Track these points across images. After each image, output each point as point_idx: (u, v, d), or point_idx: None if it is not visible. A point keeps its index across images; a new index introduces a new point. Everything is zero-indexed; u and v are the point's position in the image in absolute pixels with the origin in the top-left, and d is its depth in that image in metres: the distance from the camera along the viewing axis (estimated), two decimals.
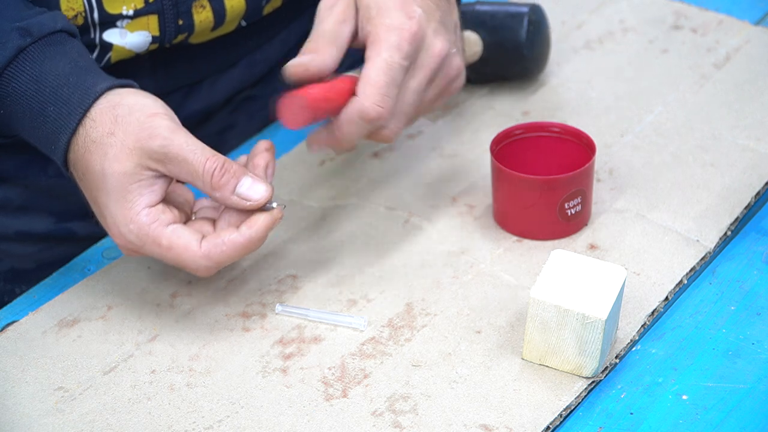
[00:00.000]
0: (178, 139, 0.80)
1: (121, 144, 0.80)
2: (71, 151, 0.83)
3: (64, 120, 0.82)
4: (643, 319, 0.85)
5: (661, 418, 0.79)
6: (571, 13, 1.18)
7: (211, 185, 0.81)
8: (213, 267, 0.82)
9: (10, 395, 0.81)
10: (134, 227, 0.81)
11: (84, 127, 0.82)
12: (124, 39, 0.94)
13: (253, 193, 0.82)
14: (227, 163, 0.81)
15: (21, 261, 1.03)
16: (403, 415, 0.79)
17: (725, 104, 1.05)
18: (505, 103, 1.07)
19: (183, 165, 0.80)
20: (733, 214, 0.94)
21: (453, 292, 0.88)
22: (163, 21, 0.95)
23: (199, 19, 0.96)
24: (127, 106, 0.82)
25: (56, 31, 0.85)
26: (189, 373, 0.83)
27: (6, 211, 1.01)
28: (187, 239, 0.81)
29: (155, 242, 0.81)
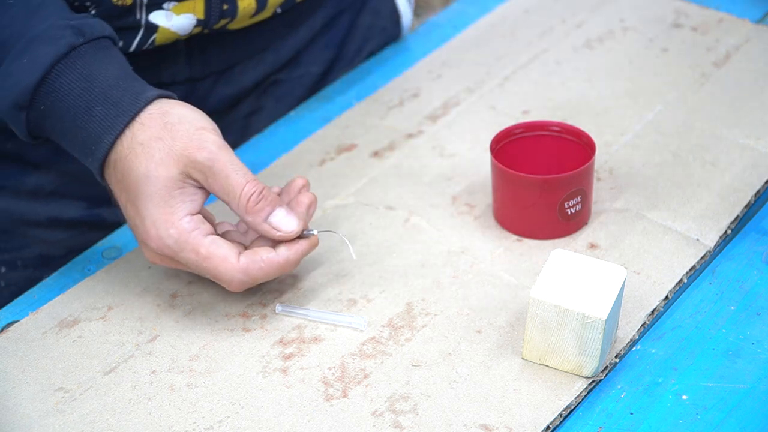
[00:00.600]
0: (224, 156, 0.82)
1: (168, 150, 0.81)
2: (113, 152, 0.83)
3: (112, 120, 0.82)
4: (643, 318, 0.85)
5: (661, 418, 0.79)
6: (572, 12, 1.18)
7: (246, 208, 0.82)
8: (248, 282, 0.83)
9: (11, 396, 0.82)
10: (175, 232, 0.81)
11: (131, 129, 0.82)
12: (170, 21, 0.95)
13: (284, 225, 0.83)
14: (265, 190, 0.83)
15: (51, 247, 1.04)
16: (403, 415, 0.79)
17: (725, 103, 1.05)
18: (505, 103, 1.07)
19: (224, 182, 0.82)
20: (733, 213, 0.94)
21: (453, 292, 0.88)
22: (209, 5, 0.96)
23: (243, 5, 0.98)
24: (177, 115, 0.83)
25: (105, 36, 0.85)
26: (189, 374, 0.83)
27: (38, 197, 1.02)
28: (227, 251, 0.82)
29: (194, 250, 0.82)
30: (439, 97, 1.08)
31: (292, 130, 1.06)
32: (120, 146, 0.82)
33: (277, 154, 1.03)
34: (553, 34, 1.15)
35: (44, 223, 1.03)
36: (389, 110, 1.07)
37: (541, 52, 1.13)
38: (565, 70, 1.11)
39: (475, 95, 1.08)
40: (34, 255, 1.04)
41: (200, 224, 0.82)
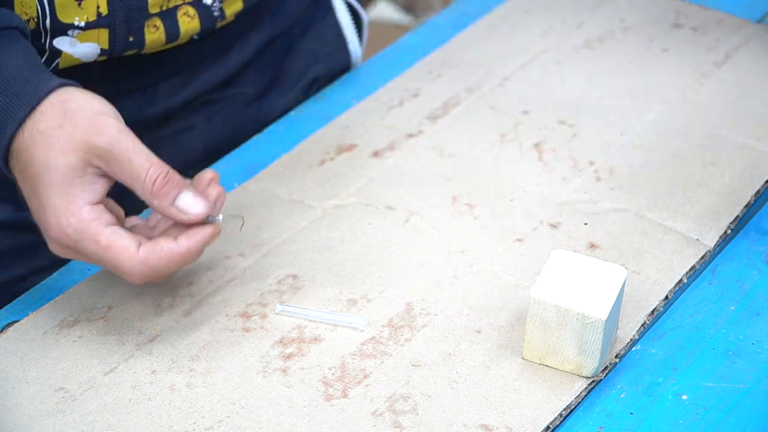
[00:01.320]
0: (125, 140, 0.80)
1: (68, 137, 0.80)
2: (15, 142, 0.82)
3: (12, 111, 0.81)
4: (643, 318, 0.85)
5: (661, 418, 0.79)
6: (572, 12, 1.18)
7: (152, 192, 0.81)
8: (148, 274, 0.81)
9: (11, 396, 0.82)
10: (74, 221, 0.80)
11: (32, 119, 0.81)
12: (74, 48, 0.94)
13: (192, 208, 0.82)
14: (171, 173, 0.81)
15: None
16: (403, 415, 0.79)
17: (725, 103, 1.05)
18: (505, 103, 1.07)
19: (126, 166, 0.80)
20: (733, 212, 0.94)
21: (453, 292, 0.88)
22: (114, 36, 0.95)
23: (150, 39, 0.96)
24: (77, 102, 0.82)
25: (12, 27, 0.85)
26: (189, 374, 0.83)
27: None
28: (127, 242, 0.81)
29: (94, 239, 0.80)
30: (439, 97, 1.08)
31: (292, 130, 1.06)
32: (21, 136, 0.82)
33: (277, 154, 1.03)
34: (553, 34, 1.15)
35: None
36: (389, 110, 1.07)
37: (541, 52, 1.13)
38: (565, 70, 1.11)
39: (475, 95, 1.08)
40: None
41: (101, 214, 0.81)
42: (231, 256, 0.92)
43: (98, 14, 0.93)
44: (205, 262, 0.92)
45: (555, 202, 0.96)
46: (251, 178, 1.00)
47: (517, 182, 0.98)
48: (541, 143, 1.02)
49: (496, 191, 0.97)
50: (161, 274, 0.82)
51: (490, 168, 1.00)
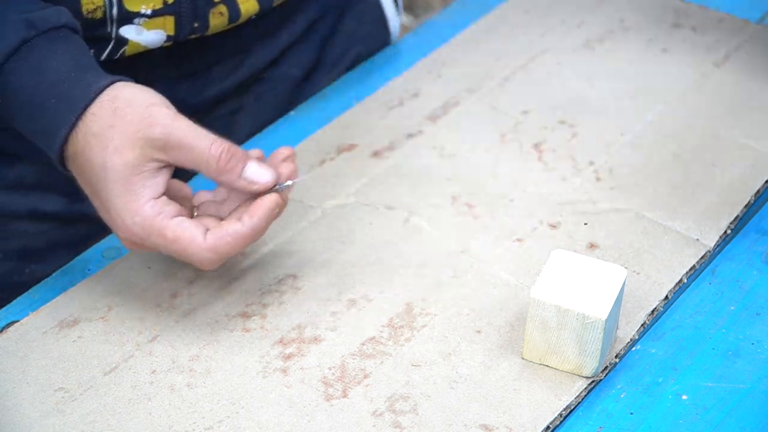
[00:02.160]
0: (180, 126, 0.81)
1: (122, 136, 0.80)
2: (70, 146, 0.82)
3: (63, 114, 0.82)
4: (643, 318, 0.85)
5: (661, 418, 0.79)
6: (572, 12, 1.18)
7: (218, 169, 0.81)
8: (217, 260, 0.82)
9: (11, 396, 0.82)
10: (139, 219, 0.81)
11: (84, 121, 0.82)
12: (140, 36, 0.95)
13: (259, 177, 0.82)
14: (232, 147, 0.82)
15: (32, 240, 1.04)
16: (403, 415, 0.79)
17: (725, 103, 1.05)
18: (505, 103, 1.07)
19: (187, 151, 0.81)
20: (733, 212, 0.94)
21: (453, 292, 0.88)
22: (180, 22, 0.96)
23: (214, 23, 0.98)
24: (125, 98, 0.82)
25: (60, 26, 0.85)
26: (189, 374, 0.83)
27: (19, 190, 1.02)
28: (193, 232, 0.81)
29: (160, 234, 0.81)
30: (439, 97, 1.08)
31: (292, 130, 1.06)
32: (75, 140, 0.82)
33: None
34: (553, 34, 1.15)
35: (25, 216, 1.03)
36: (389, 110, 1.07)
37: (541, 52, 1.13)
38: (565, 70, 1.11)
39: (475, 95, 1.08)
40: (15, 247, 1.04)
41: (164, 207, 0.81)
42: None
43: (164, 2, 0.94)
44: None
45: (555, 202, 0.96)
46: None
47: (517, 182, 0.98)
48: (541, 143, 1.02)
49: (496, 191, 0.97)
50: (231, 256, 0.82)
51: (490, 168, 1.00)
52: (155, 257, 0.92)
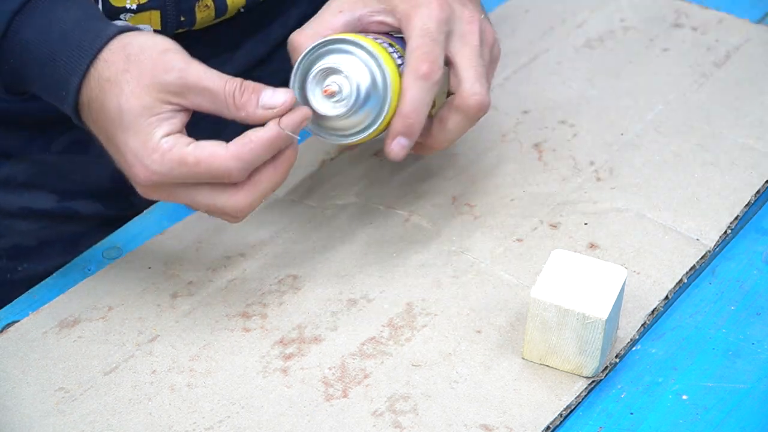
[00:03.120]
0: (194, 69, 0.81)
1: (137, 81, 0.80)
2: (83, 93, 0.82)
3: (74, 63, 0.82)
4: (643, 318, 0.85)
5: (661, 418, 0.79)
6: (572, 12, 1.18)
7: (235, 105, 0.81)
8: (243, 168, 0.80)
9: (11, 396, 0.82)
10: (157, 156, 0.80)
11: (96, 68, 0.81)
12: None
13: (276, 99, 0.81)
14: (245, 82, 0.81)
15: (24, 238, 1.04)
16: (403, 415, 0.80)
17: (725, 103, 1.05)
18: (505, 103, 1.07)
19: (203, 93, 0.81)
20: (734, 212, 0.94)
21: (453, 292, 0.88)
22: (165, 16, 0.96)
23: (201, 16, 0.98)
24: (138, 45, 0.82)
25: None
26: (189, 374, 0.83)
27: (10, 188, 1.02)
28: (212, 148, 0.80)
29: (181, 162, 0.80)
30: None
31: None
32: (88, 87, 0.82)
33: None
34: (554, 34, 1.15)
35: (16, 214, 1.03)
36: None
37: (542, 52, 1.13)
38: (566, 69, 1.11)
39: None
40: (7, 246, 1.04)
41: (179, 139, 0.80)
42: (231, 256, 0.92)
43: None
44: (205, 262, 0.92)
45: (555, 202, 0.96)
46: None
47: (517, 182, 0.98)
48: (541, 143, 1.02)
49: (496, 191, 0.97)
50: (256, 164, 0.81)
51: (490, 168, 1.00)
52: (155, 257, 0.92)
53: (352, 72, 0.82)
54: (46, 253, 1.03)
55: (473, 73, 0.86)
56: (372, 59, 0.82)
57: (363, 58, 0.82)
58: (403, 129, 0.84)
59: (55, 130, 1.01)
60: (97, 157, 1.02)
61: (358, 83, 0.82)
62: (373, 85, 0.82)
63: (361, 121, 0.83)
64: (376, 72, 0.82)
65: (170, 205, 0.97)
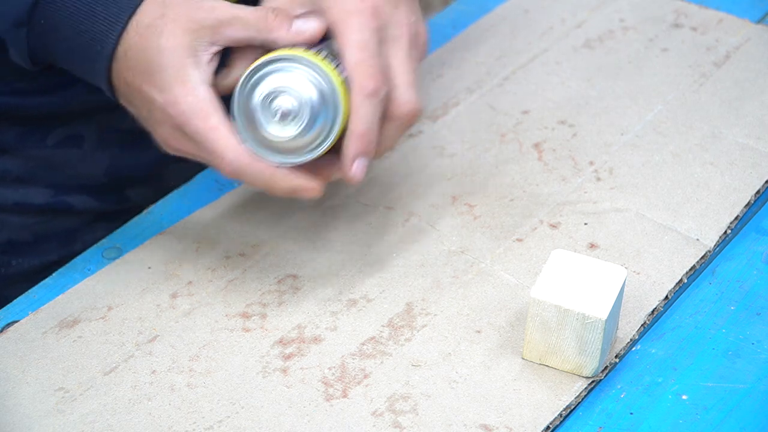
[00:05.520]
0: (225, 4, 0.83)
1: (173, 22, 0.82)
2: (121, 45, 0.84)
3: (114, 16, 0.83)
4: (643, 318, 0.85)
5: (661, 418, 0.79)
6: (572, 12, 1.18)
7: (267, 27, 0.82)
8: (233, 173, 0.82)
9: (11, 396, 0.82)
10: (191, 98, 0.81)
11: (135, 19, 0.83)
12: None
13: (308, 25, 0.83)
14: (276, 8, 0.83)
15: (18, 232, 1.04)
16: (403, 415, 0.80)
17: (725, 103, 1.05)
18: (504, 103, 1.07)
19: (236, 22, 0.82)
20: (733, 212, 0.94)
21: (453, 292, 0.88)
22: None
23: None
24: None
25: None
26: (189, 374, 0.83)
27: (4, 182, 1.02)
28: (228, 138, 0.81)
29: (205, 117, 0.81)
30: (439, 97, 1.08)
31: None
32: (127, 37, 0.83)
33: None
34: (553, 34, 1.15)
35: (11, 209, 1.03)
36: None
37: (541, 52, 1.13)
38: (565, 69, 1.11)
39: (475, 95, 1.08)
40: (3, 240, 1.04)
41: (216, 99, 0.82)
42: (231, 256, 0.92)
43: None
44: (205, 262, 0.92)
45: (555, 202, 0.96)
46: None
47: (517, 182, 0.98)
48: (541, 143, 1.02)
49: (496, 191, 0.97)
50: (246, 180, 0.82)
51: (490, 168, 1.00)
52: (155, 257, 0.92)
53: (299, 89, 0.81)
54: (41, 248, 1.03)
55: (405, 80, 0.85)
56: (317, 73, 0.81)
57: (307, 73, 0.81)
58: (362, 149, 0.83)
59: (50, 125, 1.01)
60: (92, 151, 1.02)
61: (309, 100, 0.81)
62: (322, 99, 0.81)
63: (315, 137, 0.82)
64: (324, 86, 0.82)
65: (170, 205, 0.97)
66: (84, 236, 1.04)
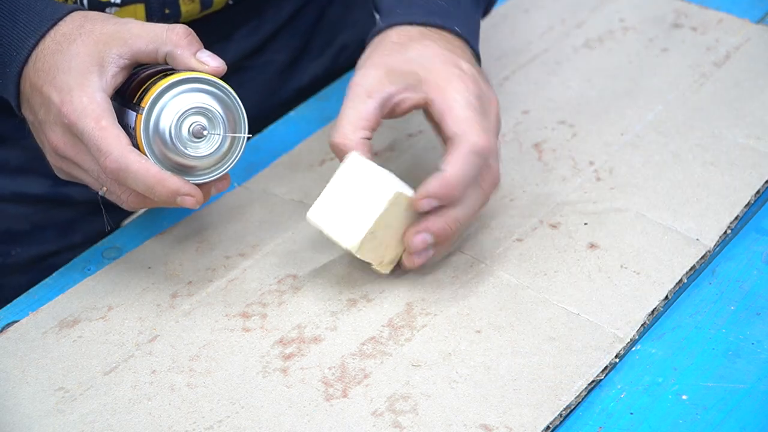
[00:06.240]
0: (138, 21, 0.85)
1: (88, 33, 0.83)
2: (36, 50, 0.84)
3: (35, 25, 0.84)
4: (643, 318, 0.85)
5: (661, 418, 0.79)
6: (572, 12, 1.18)
7: (175, 42, 0.83)
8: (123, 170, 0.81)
9: (11, 396, 0.82)
10: (86, 99, 0.82)
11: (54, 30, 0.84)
12: None
13: (211, 60, 0.84)
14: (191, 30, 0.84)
15: (17, 222, 1.05)
16: (403, 415, 0.80)
17: (725, 103, 1.05)
18: (505, 103, 1.07)
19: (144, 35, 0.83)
20: (733, 212, 0.94)
21: (453, 292, 0.88)
22: (150, 10, 0.97)
23: (186, 9, 0.99)
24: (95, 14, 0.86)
25: None
26: (189, 374, 0.83)
27: (3, 172, 1.03)
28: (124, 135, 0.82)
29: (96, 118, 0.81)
30: None
31: (292, 130, 1.07)
32: (43, 44, 0.84)
33: (277, 154, 1.03)
34: (553, 34, 1.15)
35: (9, 198, 1.04)
36: None
37: (541, 52, 1.13)
38: (565, 69, 1.11)
39: None
40: (1, 230, 1.04)
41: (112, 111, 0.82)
42: (231, 256, 0.92)
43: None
44: (205, 262, 0.92)
45: (555, 202, 0.96)
46: (251, 178, 1.00)
47: (517, 182, 0.98)
48: (541, 143, 1.02)
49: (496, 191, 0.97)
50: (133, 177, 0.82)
51: None
52: (155, 257, 0.92)
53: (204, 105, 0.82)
54: (39, 238, 1.03)
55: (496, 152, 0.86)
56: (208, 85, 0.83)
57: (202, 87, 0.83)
58: (443, 195, 0.84)
59: None
60: None
61: (216, 111, 0.83)
62: (225, 106, 0.83)
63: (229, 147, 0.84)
64: (219, 93, 0.83)
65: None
66: (83, 227, 1.04)
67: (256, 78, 1.11)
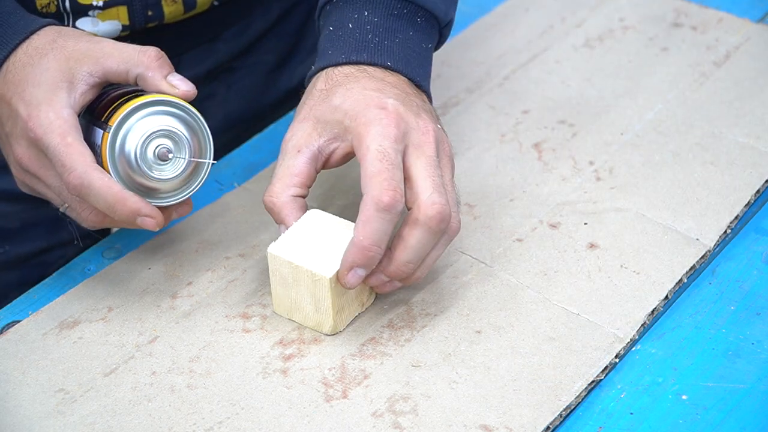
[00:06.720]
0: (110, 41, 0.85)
1: (61, 49, 0.84)
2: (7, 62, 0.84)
3: (7, 38, 0.85)
4: (643, 318, 0.85)
5: (661, 418, 0.79)
6: (572, 11, 1.18)
7: (147, 64, 0.83)
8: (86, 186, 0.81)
9: (11, 397, 0.82)
10: (53, 115, 0.82)
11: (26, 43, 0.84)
12: (96, 27, 0.97)
13: (182, 84, 0.84)
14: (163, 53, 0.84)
15: (6, 219, 1.05)
16: (403, 415, 0.80)
17: (725, 102, 1.05)
18: (505, 103, 1.07)
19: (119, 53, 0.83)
20: (733, 212, 0.94)
21: (453, 292, 0.88)
22: (132, 12, 0.97)
23: (168, 10, 0.99)
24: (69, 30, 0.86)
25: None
26: (189, 375, 0.83)
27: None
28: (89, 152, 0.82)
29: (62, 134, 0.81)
30: (439, 97, 1.08)
31: None
32: (14, 57, 0.84)
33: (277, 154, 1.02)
34: (553, 33, 1.15)
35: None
36: None
37: (541, 52, 1.13)
38: (565, 69, 1.11)
39: (474, 95, 1.08)
40: None
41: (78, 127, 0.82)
42: (231, 257, 0.92)
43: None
44: (205, 263, 0.92)
45: (555, 202, 0.96)
46: (251, 178, 1.00)
47: (517, 182, 0.98)
48: (541, 143, 1.02)
49: (496, 191, 0.97)
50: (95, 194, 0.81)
51: (490, 168, 1.00)
52: (155, 258, 0.92)
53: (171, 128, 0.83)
54: (30, 235, 1.03)
55: (430, 184, 0.81)
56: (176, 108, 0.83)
57: (170, 110, 0.83)
58: (363, 261, 0.81)
59: None
60: None
61: (183, 135, 0.83)
62: (192, 131, 0.83)
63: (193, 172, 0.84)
64: (187, 117, 0.83)
65: None
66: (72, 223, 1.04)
67: (244, 79, 1.11)
